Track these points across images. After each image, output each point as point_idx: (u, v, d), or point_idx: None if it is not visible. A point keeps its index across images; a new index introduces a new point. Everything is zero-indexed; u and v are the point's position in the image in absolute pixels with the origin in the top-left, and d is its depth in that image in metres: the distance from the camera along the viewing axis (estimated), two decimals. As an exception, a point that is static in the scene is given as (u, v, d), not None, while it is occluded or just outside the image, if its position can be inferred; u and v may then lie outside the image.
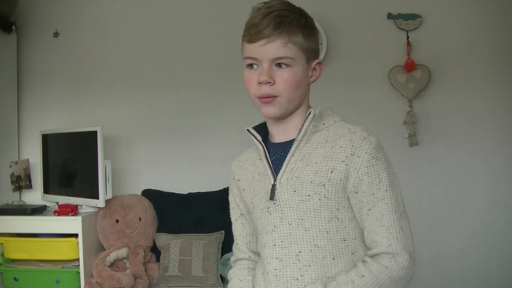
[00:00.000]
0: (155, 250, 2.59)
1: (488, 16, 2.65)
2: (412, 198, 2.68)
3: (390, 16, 2.69)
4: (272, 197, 1.09)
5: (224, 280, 2.46)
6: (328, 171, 1.04)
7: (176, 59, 2.82)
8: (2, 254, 2.48)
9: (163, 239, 2.56)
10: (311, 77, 1.12)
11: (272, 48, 1.04)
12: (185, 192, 2.72)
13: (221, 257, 2.50)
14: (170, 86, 2.82)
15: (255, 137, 1.15)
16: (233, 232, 1.29)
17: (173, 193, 2.73)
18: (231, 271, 1.28)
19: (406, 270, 1.02)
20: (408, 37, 2.66)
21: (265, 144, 1.14)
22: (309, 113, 1.10)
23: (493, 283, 2.60)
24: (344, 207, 1.06)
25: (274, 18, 1.04)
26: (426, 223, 2.67)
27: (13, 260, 2.48)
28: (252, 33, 1.05)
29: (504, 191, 2.63)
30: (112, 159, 2.57)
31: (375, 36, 2.71)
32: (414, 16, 2.67)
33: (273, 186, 1.09)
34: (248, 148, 1.26)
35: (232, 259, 1.30)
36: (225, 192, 2.90)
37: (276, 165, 1.11)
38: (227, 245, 2.53)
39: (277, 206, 1.09)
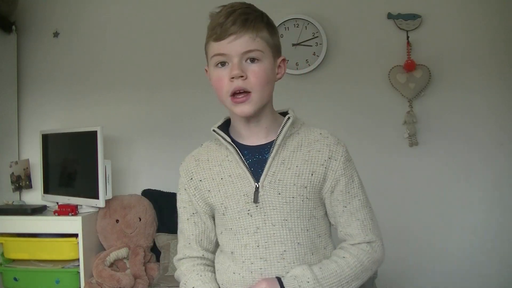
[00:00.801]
0: (155, 250, 2.59)
1: (488, 16, 2.65)
2: (411, 198, 2.69)
3: (390, 16, 2.69)
4: (256, 200, 1.11)
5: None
6: (309, 173, 1.11)
7: (176, 59, 2.82)
8: (2, 254, 2.48)
9: (163, 239, 2.56)
10: (277, 74, 1.16)
11: (241, 42, 1.07)
12: (185, 192, 2.72)
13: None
14: (170, 86, 2.82)
15: (225, 139, 1.16)
16: (182, 232, 1.25)
17: (173, 193, 2.69)
18: (180, 270, 1.22)
19: (380, 252, 1.15)
20: (408, 37, 2.66)
21: (237, 143, 1.16)
22: (288, 118, 1.14)
23: (493, 284, 2.60)
24: (319, 206, 1.15)
25: (239, 15, 1.08)
26: (426, 223, 2.67)
27: (13, 260, 2.48)
28: (218, 32, 1.09)
29: (504, 191, 2.63)
30: (112, 159, 2.57)
31: (375, 36, 2.71)
32: (414, 16, 2.67)
33: (256, 188, 1.11)
34: (201, 147, 1.28)
35: (178, 257, 1.25)
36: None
37: (254, 168, 1.13)
38: (227, 245, 2.53)
39: (260, 208, 1.11)
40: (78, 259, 2.35)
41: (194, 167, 1.24)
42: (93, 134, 2.40)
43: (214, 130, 1.21)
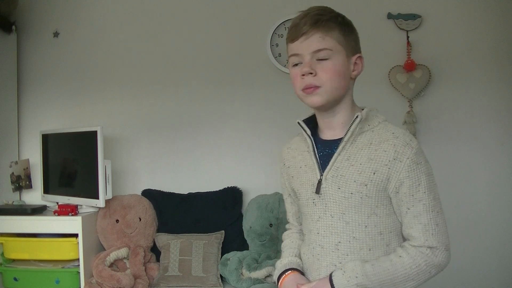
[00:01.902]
0: (155, 250, 2.59)
1: (489, 16, 2.65)
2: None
3: (390, 16, 2.69)
4: (318, 191, 1.20)
5: (224, 280, 2.46)
6: (371, 172, 1.14)
7: (176, 59, 2.82)
8: (2, 254, 2.48)
9: (163, 239, 2.56)
10: (353, 71, 1.20)
11: (311, 41, 1.14)
12: (185, 192, 2.72)
13: (221, 257, 2.50)
14: (170, 86, 2.82)
15: (305, 131, 1.24)
16: (286, 207, 1.43)
17: (173, 193, 2.73)
18: (284, 233, 1.44)
19: (441, 258, 1.17)
20: (408, 37, 2.66)
21: (314, 138, 1.24)
22: (356, 117, 1.18)
23: (493, 283, 2.60)
24: (383, 204, 1.16)
25: (312, 17, 1.16)
26: (426, 223, 2.67)
27: (13, 260, 2.48)
28: (292, 33, 1.17)
29: (504, 190, 2.63)
30: (112, 159, 2.57)
31: (375, 36, 2.71)
32: (414, 16, 2.67)
33: (320, 181, 1.19)
34: (297, 136, 1.35)
35: (287, 226, 1.46)
36: (225, 192, 2.89)
37: (322, 161, 1.21)
38: (227, 245, 2.53)
39: (322, 199, 1.19)
40: (78, 259, 2.35)
41: (286, 154, 1.35)
42: (93, 134, 2.40)
43: (298, 122, 1.27)
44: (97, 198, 2.40)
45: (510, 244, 2.61)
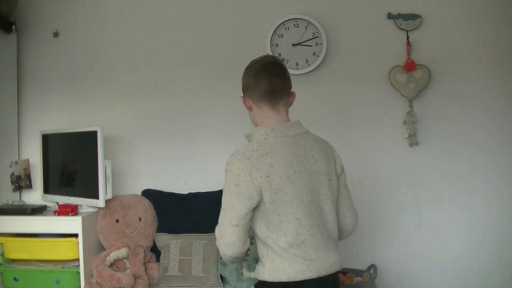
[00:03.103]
0: (155, 250, 2.59)
1: (489, 15, 2.65)
2: (411, 198, 2.69)
3: (390, 16, 2.69)
4: None
5: (224, 280, 2.46)
6: None
7: (176, 59, 2.82)
8: (2, 254, 2.48)
9: (163, 239, 2.56)
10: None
11: None
12: (185, 192, 2.72)
13: (221, 257, 2.49)
14: (170, 86, 2.82)
15: None
16: None
17: (173, 193, 2.73)
18: None
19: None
20: (408, 37, 2.66)
21: None
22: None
23: (493, 283, 2.60)
24: None
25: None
26: (426, 223, 2.67)
27: (13, 260, 2.48)
28: None
29: (504, 191, 2.63)
30: (112, 159, 2.57)
31: (375, 36, 2.71)
32: (414, 16, 2.67)
33: None
34: None
35: None
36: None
37: None
38: (227, 245, 2.53)
39: None
40: (78, 259, 2.35)
41: None
42: (93, 134, 2.39)
43: None
44: (97, 198, 2.40)
45: (510, 244, 2.61)
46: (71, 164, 2.59)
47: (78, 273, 2.35)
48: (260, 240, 1.57)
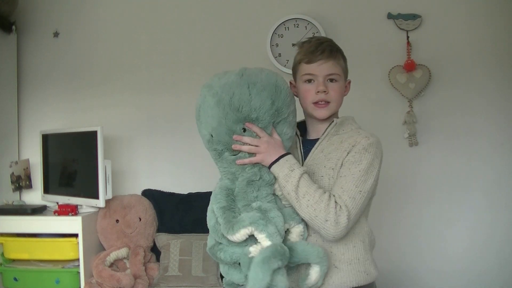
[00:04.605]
0: (155, 250, 2.59)
1: (489, 15, 2.65)
2: (411, 198, 2.69)
3: (390, 16, 2.70)
4: None
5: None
6: (336, 159, 1.40)
7: (176, 59, 2.83)
8: (2, 254, 2.48)
9: (163, 239, 2.57)
10: (344, 91, 1.53)
11: (327, 66, 1.44)
12: (185, 192, 2.72)
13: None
14: (170, 86, 2.82)
15: (296, 132, 1.50)
16: None
17: (173, 193, 2.73)
18: None
19: (339, 217, 1.31)
20: (408, 37, 2.66)
21: (302, 138, 1.54)
22: (332, 121, 1.48)
23: (493, 283, 2.60)
24: None
25: (327, 46, 1.46)
26: (425, 223, 2.67)
27: (13, 260, 2.48)
28: (309, 57, 1.44)
29: (504, 191, 2.63)
30: (112, 159, 2.57)
31: (375, 36, 2.71)
32: (414, 16, 2.67)
33: None
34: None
35: None
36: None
37: (306, 156, 1.50)
38: (227, 245, 2.53)
39: None
40: (78, 259, 2.35)
41: None
42: (93, 134, 2.40)
43: None
44: (97, 198, 2.40)
45: (510, 244, 2.61)
46: (71, 164, 2.59)
47: (78, 273, 2.36)
48: (360, 237, 1.44)
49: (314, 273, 1.34)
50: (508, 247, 2.61)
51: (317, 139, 1.49)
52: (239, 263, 1.41)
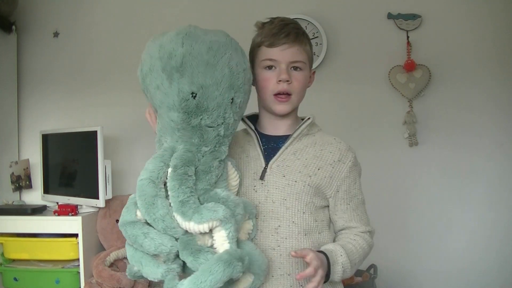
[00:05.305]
0: (155, 250, 2.59)
1: (489, 15, 2.65)
2: (411, 198, 2.69)
3: (390, 16, 2.69)
4: (262, 177, 1.28)
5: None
6: (315, 168, 1.28)
7: (176, 59, 2.82)
8: (2, 254, 2.48)
9: (163, 239, 2.56)
10: (309, 82, 1.35)
11: (291, 52, 1.26)
12: (185, 192, 2.71)
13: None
14: (170, 86, 2.82)
15: (250, 127, 1.35)
16: None
17: (173, 193, 2.72)
18: None
19: (373, 239, 1.35)
20: (408, 37, 2.66)
21: (258, 132, 1.35)
22: (308, 118, 1.34)
23: (493, 283, 2.60)
24: (319, 196, 1.29)
25: (292, 29, 1.28)
26: (426, 223, 2.67)
27: (13, 260, 2.48)
28: (271, 40, 1.27)
29: (504, 191, 2.63)
30: (112, 159, 2.56)
31: (375, 36, 2.71)
32: (414, 16, 2.67)
33: (264, 169, 1.29)
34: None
35: None
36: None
37: (267, 153, 1.31)
38: (227, 245, 2.53)
39: (264, 186, 1.27)
40: (78, 259, 2.35)
41: None
42: (93, 134, 2.39)
43: (242, 119, 1.34)
44: (97, 198, 2.39)
45: (510, 244, 2.61)
46: (71, 164, 2.59)
47: (78, 273, 2.35)
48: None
49: (246, 282, 1.13)
50: (508, 247, 2.61)
51: (280, 137, 1.32)
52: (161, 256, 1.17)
